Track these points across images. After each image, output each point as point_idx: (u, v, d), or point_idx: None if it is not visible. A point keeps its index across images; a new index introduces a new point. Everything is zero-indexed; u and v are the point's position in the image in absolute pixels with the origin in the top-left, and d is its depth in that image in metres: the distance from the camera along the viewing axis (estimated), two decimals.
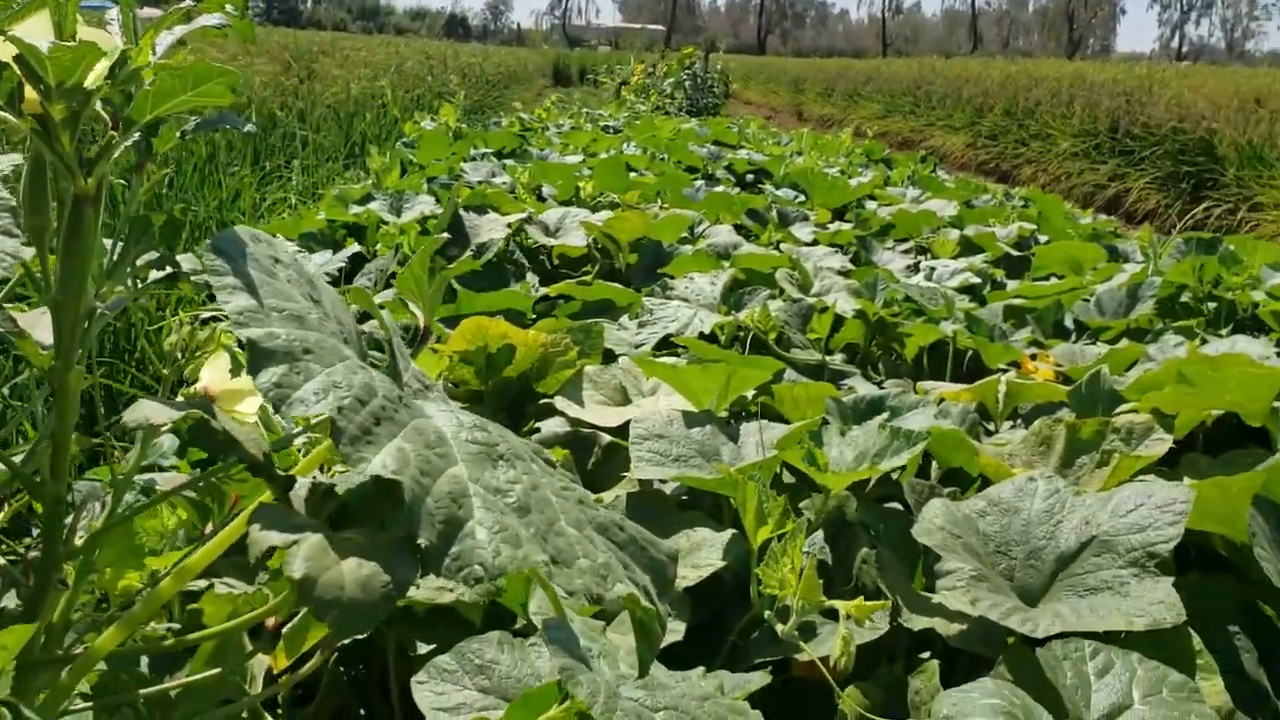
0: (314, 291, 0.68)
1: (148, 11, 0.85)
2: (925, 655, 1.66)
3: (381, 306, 1.88)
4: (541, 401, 2.34)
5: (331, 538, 0.59)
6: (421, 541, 0.57)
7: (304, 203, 5.90)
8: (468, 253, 2.84)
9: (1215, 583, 1.56)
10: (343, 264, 3.29)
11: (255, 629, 1.48)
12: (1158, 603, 1.38)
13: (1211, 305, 3.25)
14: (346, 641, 1.74)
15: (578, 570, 0.63)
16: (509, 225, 3.06)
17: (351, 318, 0.74)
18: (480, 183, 4.94)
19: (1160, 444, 1.84)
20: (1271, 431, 1.99)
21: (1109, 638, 1.37)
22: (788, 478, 2.20)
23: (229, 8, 0.86)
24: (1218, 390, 1.90)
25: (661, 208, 4.61)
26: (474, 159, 6.11)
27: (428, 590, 0.78)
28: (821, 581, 1.72)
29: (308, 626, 1.14)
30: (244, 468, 0.70)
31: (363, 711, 1.82)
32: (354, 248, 3.35)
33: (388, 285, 3.54)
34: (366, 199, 4.26)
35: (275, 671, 1.47)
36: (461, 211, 3.17)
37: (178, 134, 0.88)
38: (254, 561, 0.58)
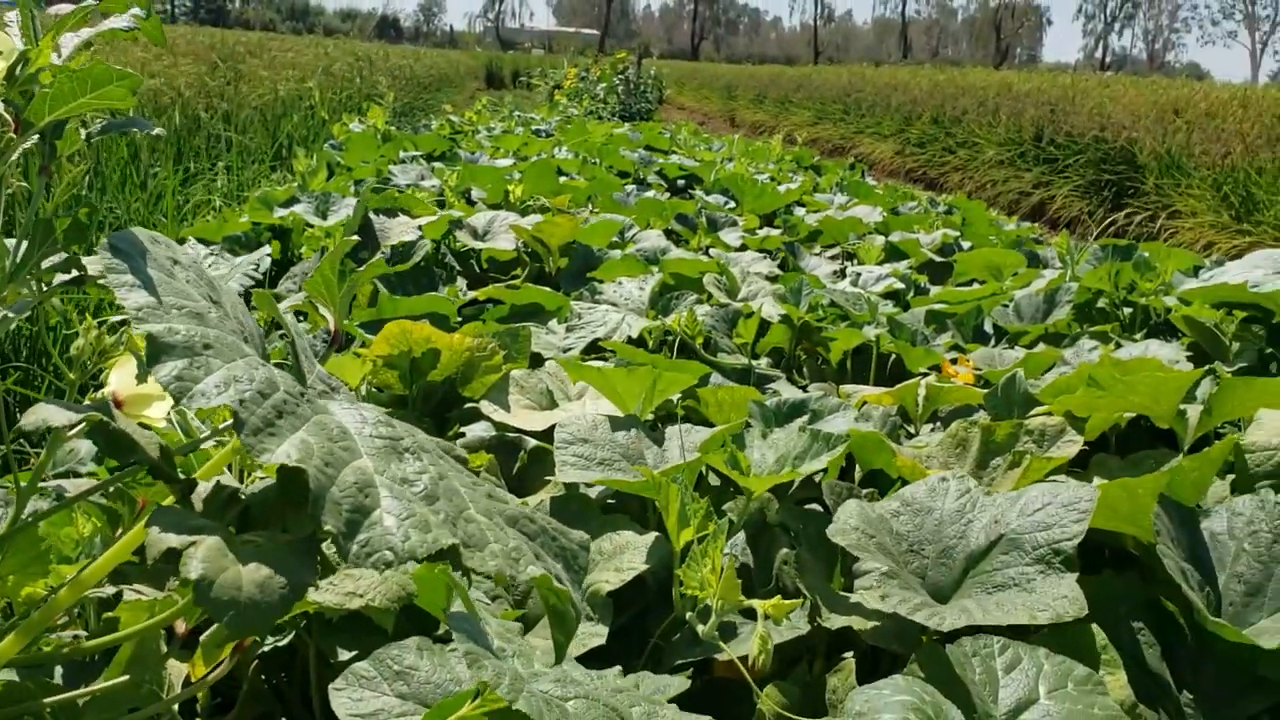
0: (214, 292, 0.68)
1: (59, 7, 0.84)
2: (848, 654, 1.69)
3: (302, 314, 1.86)
4: (467, 406, 2.34)
5: (231, 540, 0.59)
6: (328, 528, 0.58)
7: (229, 205, 5.81)
8: (378, 255, 2.83)
9: (1121, 580, 1.61)
10: (261, 267, 3.24)
11: (179, 638, 1.46)
12: (1061, 598, 1.42)
13: (1127, 310, 3.34)
14: (267, 648, 1.72)
15: (489, 554, 0.64)
16: (419, 228, 3.05)
17: (253, 319, 0.74)
18: (409, 186, 4.91)
19: (1071, 445, 1.90)
20: (1179, 433, 2.05)
21: (1018, 633, 1.41)
22: (714, 480, 2.22)
23: (135, 9, 0.85)
24: (1126, 394, 1.95)
25: (592, 212, 4.62)
26: (403, 162, 6.07)
27: (337, 595, 0.78)
28: (741, 582, 1.75)
29: (224, 632, 1.13)
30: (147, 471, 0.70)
31: (284, 719, 1.81)
32: (264, 250, 3.31)
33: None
34: (291, 201, 4.21)
35: (193, 679, 1.46)
36: (372, 214, 3.16)
37: (84, 136, 0.87)
38: (151, 564, 0.58)
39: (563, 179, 5.45)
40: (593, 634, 1.56)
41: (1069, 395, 2.00)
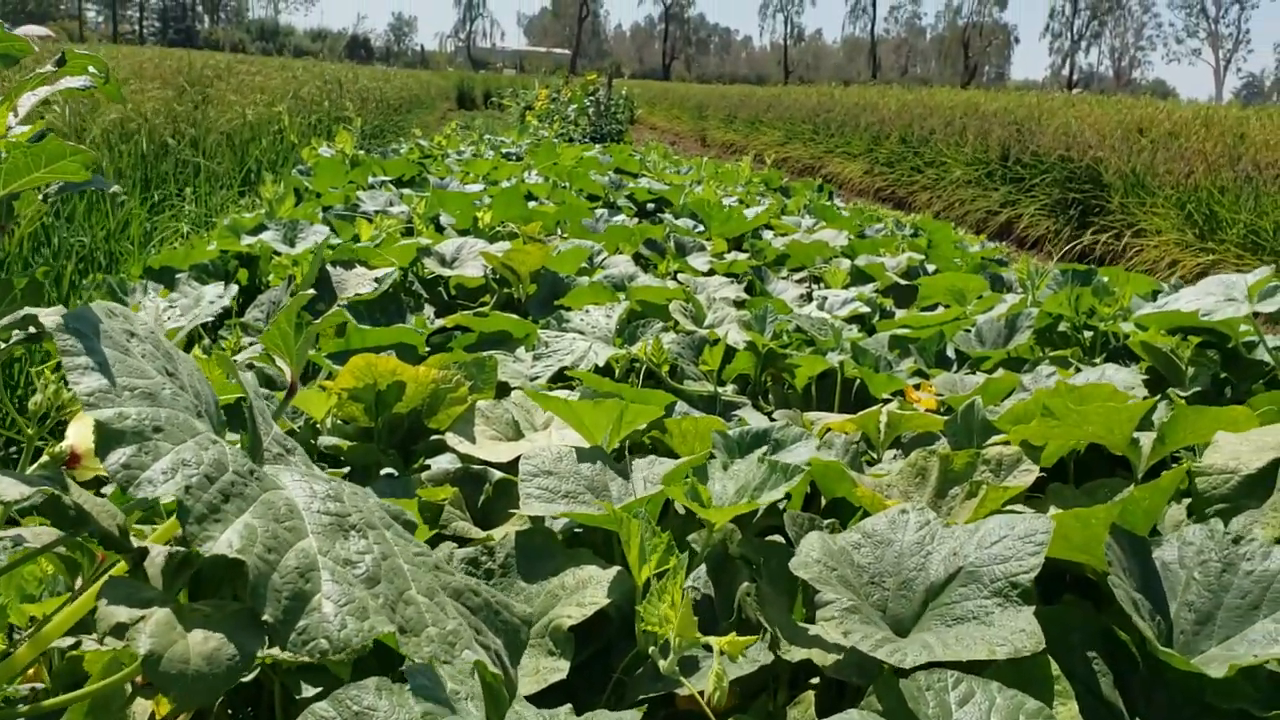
0: (170, 364, 0.69)
1: (29, 29, 0.85)
2: (815, 683, 1.71)
3: (250, 365, 1.87)
4: (433, 438, 2.35)
5: (179, 609, 0.60)
6: (267, 619, 0.59)
7: (197, 232, 5.79)
8: (335, 307, 2.84)
9: (1076, 610, 1.64)
10: (225, 300, 3.24)
11: (139, 685, 1.46)
12: (1019, 631, 1.45)
13: (1088, 335, 3.39)
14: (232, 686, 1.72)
15: (426, 638, 0.65)
16: (376, 280, 3.07)
17: (209, 386, 0.75)
18: (377, 212, 4.92)
19: (1027, 475, 1.93)
20: (1133, 461, 2.09)
21: (974, 665, 1.43)
22: (680, 510, 2.24)
23: (92, 69, 0.86)
24: (1080, 423, 1.99)
25: (562, 238, 4.65)
26: (371, 187, 6.08)
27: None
28: (704, 614, 1.77)
29: None
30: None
31: None
32: (215, 288, 3.31)
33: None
34: (259, 229, 4.21)
35: (159, 718, 1.46)
36: (329, 267, 3.18)
37: (41, 197, 0.89)
38: (102, 638, 0.59)
39: (532, 204, 5.47)
40: (554, 669, 1.57)
41: (1025, 425, 2.03)
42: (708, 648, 1.47)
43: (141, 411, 0.62)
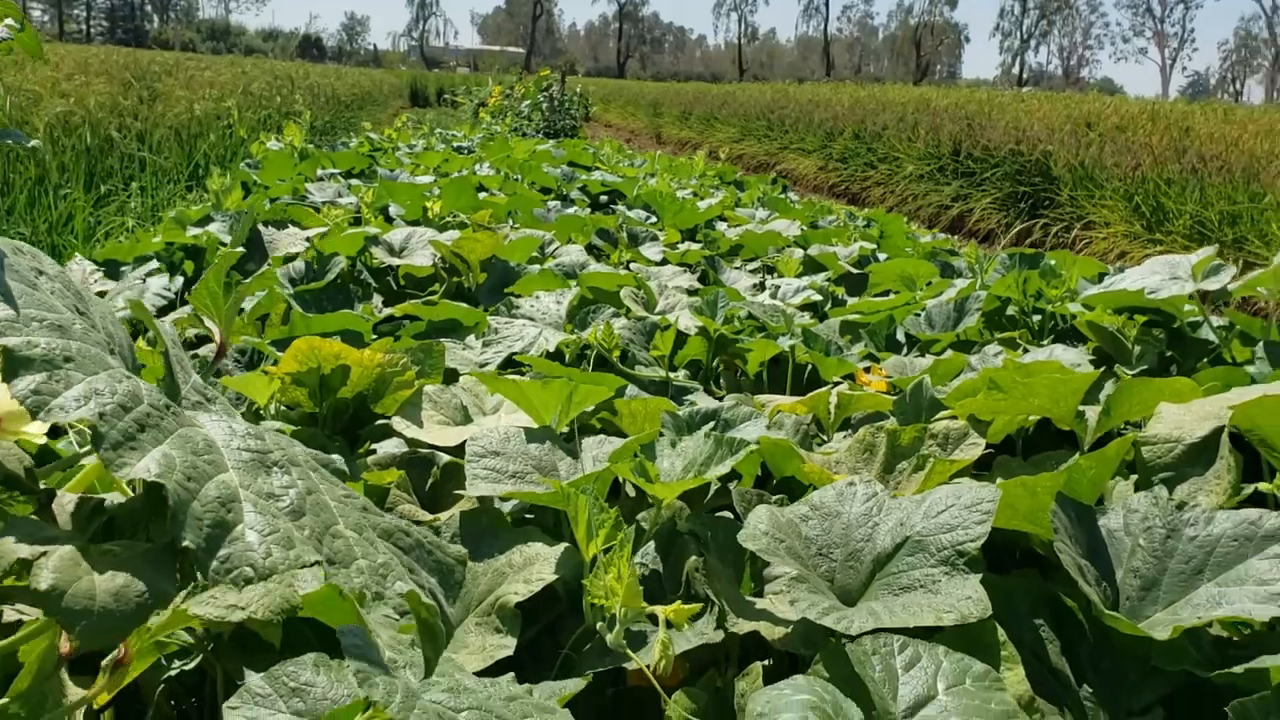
0: (81, 304, 0.67)
1: None
2: (767, 660, 1.70)
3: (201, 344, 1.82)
4: (379, 423, 2.31)
5: (87, 549, 0.58)
6: (187, 544, 0.57)
7: (143, 226, 5.70)
8: (265, 265, 2.80)
9: (1023, 579, 1.64)
10: (169, 286, 3.19)
11: (78, 661, 1.43)
12: (965, 598, 1.45)
13: (1036, 318, 3.42)
14: (173, 672, 1.69)
15: (356, 570, 0.63)
16: (308, 240, 3.03)
17: (124, 331, 0.73)
18: (326, 203, 4.86)
19: (974, 448, 1.93)
20: (1079, 434, 2.10)
21: (924, 630, 1.43)
22: (630, 492, 2.23)
23: (9, 20, 0.84)
24: (1026, 395, 2.00)
25: (513, 228, 4.61)
26: (320, 179, 6.01)
27: (218, 608, 0.76)
28: (652, 590, 1.76)
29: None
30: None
31: None
32: (160, 279, 3.26)
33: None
34: (205, 220, 4.15)
35: (96, 707, 1.42)
36: (261, 226, 3.12)
37: None
38: (1, 575, 0.57)
39: (483, 195, 5.43)
40: (500, 646, 1.55)
41: (972, 399, 2.04)
42: (653, 618, 1.46)
43: (51, 342, 0.60)
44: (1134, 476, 1.99)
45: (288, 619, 1.56)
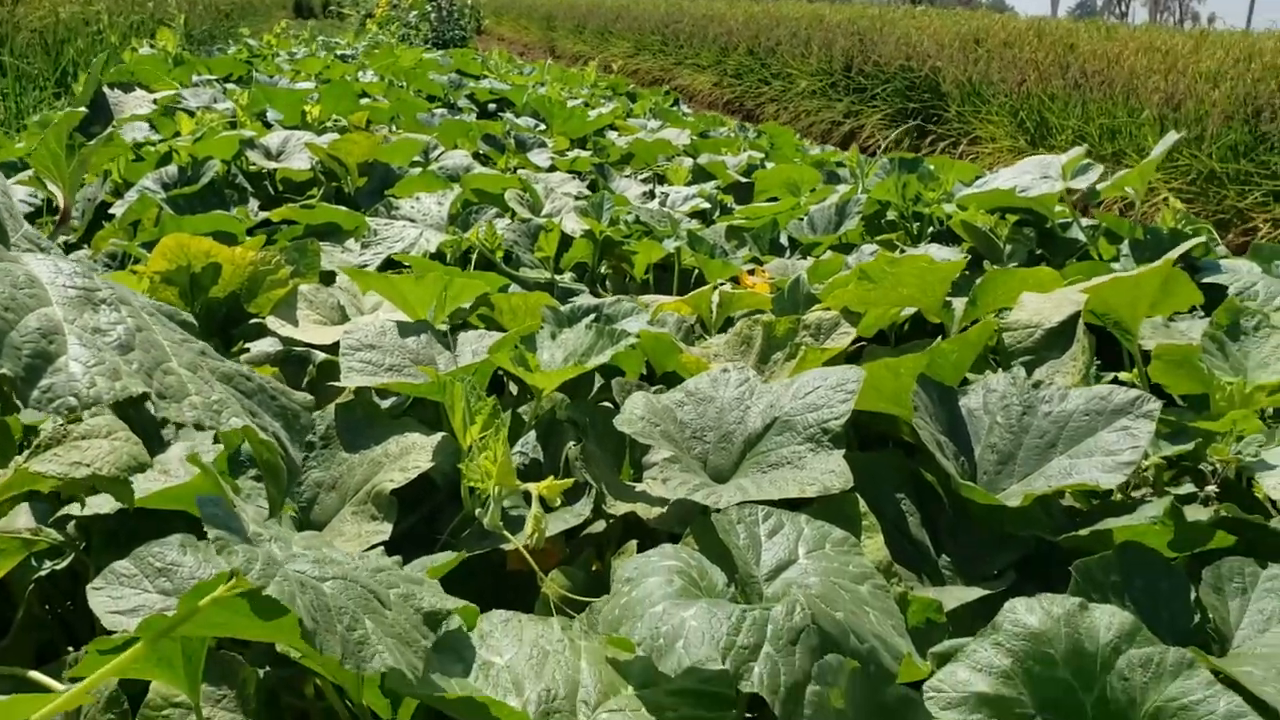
0: None
1: None
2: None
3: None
4: (253, 322, 2.27)
5: None
6: (4, 372, 0.56)
7: (8, 133, 5.42)
8: (110, 128, 2.69)
9: (887, 456, 1.70)
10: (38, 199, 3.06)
11: None
12: (829, 472, 1.49)
13: (916, 225, 3.49)
14: (44, 572, 1.66)
15: (189, 404, 0.62)
16: (155, 102, 2.92)
17: None
18: (200, 108, 4.68)
19: (845, 336, 1.98)
20: (945, 324, 2.17)
21: (792, 508, 1.47)
22: (513, 389, 2.23)
23: None
24: (895, 285, 2.04)
25: (394, 132, 4.51)
26: (196, 85, 5.77)
27: (61, 465, 0.75)
28: (526, 480, 1.77)
29: None
30: None
31: (71, 648, 1.75)
32: (26, 189, 3.12)
33: (97, 218, 3.32)
34: None
35: None
36: (106, 89, 3.00)
37: None
38: None
39: (365, 101, 5.29)
40: (376, 532, 1.55)
41: (844, 290, 2.08)
42: (527, 496, 1.48)
43: None
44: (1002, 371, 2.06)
45: (160, 514, 1.53)
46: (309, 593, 0.95)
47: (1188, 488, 1.66)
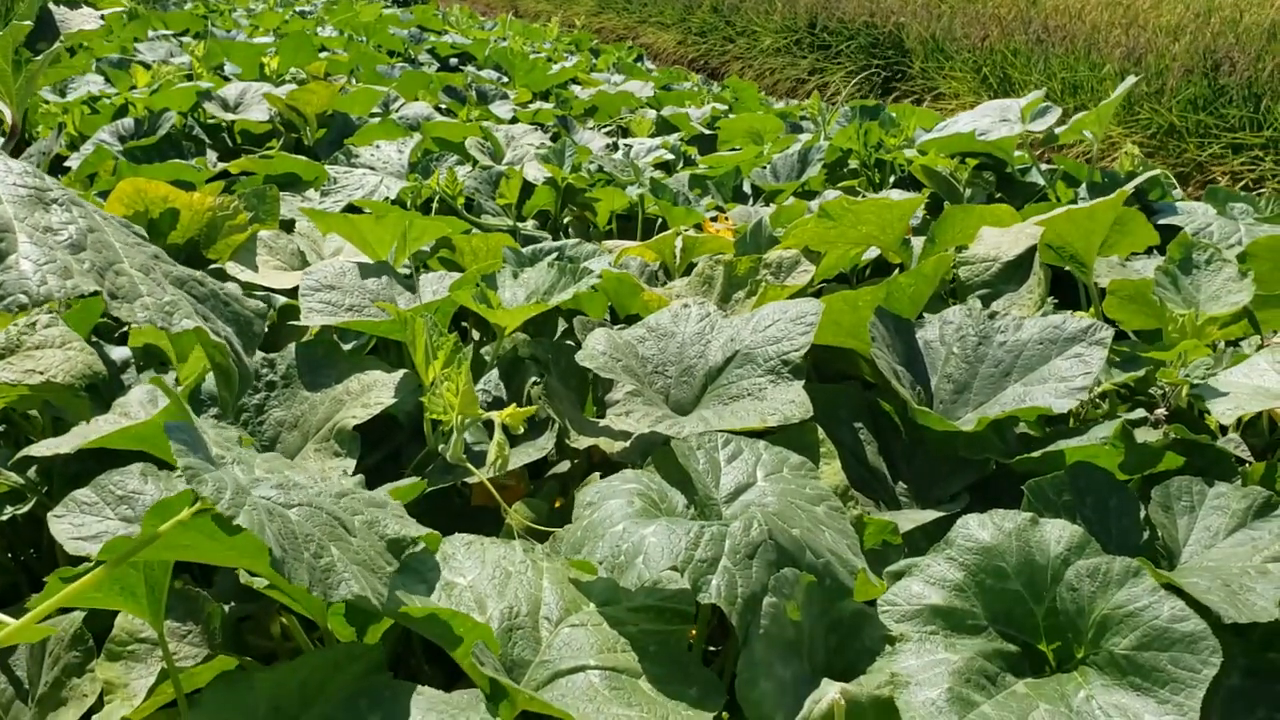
0: None
1: None
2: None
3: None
4: (212, 268, 2.25)
5: None
6: None
7: None
8: (57, 44, 2.64)
9: (845, 388, 1.72)
10: None
11: None
12: (789, 402, 1.51)
13: (879, 173, 3.50)
14: (4, 518, 1.65)
15: (140, 305, 0.63)
16: (103, 18, 2.87)
17: None
18: (157, 62, 4.61)
19: (805, 274, 1.99)
20: (904, 262, 2.18)
21: (754, 437, 1.49)
22: (476, 334, 2.23)
23: None
24: (855, 223, 2.06)
25: (353, 85, 4.46)
26: (151, 40, 5.67)
27: (15, 373, 0.75)
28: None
29: None
30: None
31: (34, 594, 1.75)
32: None
33: (53, 171, 3.27)
34: None
35: None
36: (51, 5, 2.96)
37: None
38: None
39: (325, 55, 5.22)
40: (339, 467, 1.56)
41: (804, 229, 2.09)
42: (489, 425, 1.48)
43: None
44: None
45: (123, 453, 1.53)
46: (276, 520, 0.96)
47: (1140, 414, 1.69)
